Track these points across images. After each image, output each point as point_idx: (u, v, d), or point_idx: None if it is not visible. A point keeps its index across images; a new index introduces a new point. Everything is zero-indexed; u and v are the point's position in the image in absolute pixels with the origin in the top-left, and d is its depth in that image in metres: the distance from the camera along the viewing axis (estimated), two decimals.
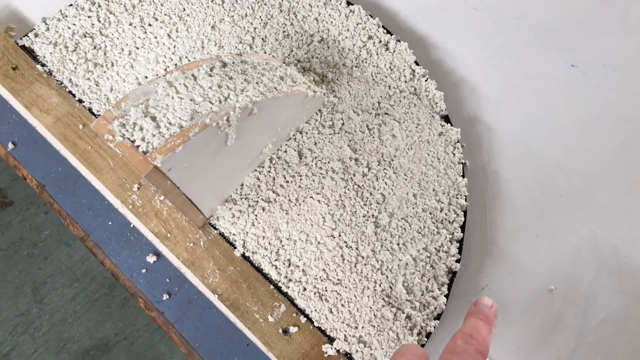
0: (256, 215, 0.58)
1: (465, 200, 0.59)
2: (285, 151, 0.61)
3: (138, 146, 0.44)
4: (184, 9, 0.68)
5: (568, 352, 0.56)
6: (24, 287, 1.55)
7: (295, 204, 0.59)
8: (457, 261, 0.57)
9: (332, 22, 0.67)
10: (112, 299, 1.53)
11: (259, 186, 0.59)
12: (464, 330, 0.39)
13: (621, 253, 0.59)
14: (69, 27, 0.67)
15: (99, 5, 0.68)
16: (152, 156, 0.43)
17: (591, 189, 0.62)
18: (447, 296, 0.56)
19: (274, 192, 0.59)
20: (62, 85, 0.64)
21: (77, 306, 1.52)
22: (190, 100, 0.47)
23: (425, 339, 0.54)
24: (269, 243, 0.57)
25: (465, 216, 0.59)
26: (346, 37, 0.67)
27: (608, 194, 0.62)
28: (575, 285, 0.58)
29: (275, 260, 0.57)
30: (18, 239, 1.60)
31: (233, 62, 0.53)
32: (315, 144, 0.61)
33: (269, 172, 0.60)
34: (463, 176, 0.61)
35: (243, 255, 0.58)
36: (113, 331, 1.49)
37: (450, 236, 0.58)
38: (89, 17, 0.67)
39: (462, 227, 0.58)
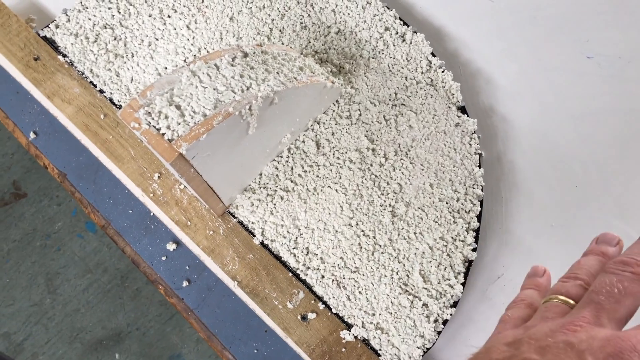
0: (275, 204, 0.59)
1: (482, 190, 0.60)
2: (303, 141, 0.61)
3: (163, 134, 0.45)
4: (203, 1, 0.69)
5: None
6: (37, 277, 1.57)
7: (313, 193, 0.59)
8: (474, 250, 0.58)
9: (349, 14, 0.68)
10: (124, 290, 1.54)
11: (277, 175, 0.60)
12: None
13: None
14: (89, 19, 0.67)
15: None
16: (177, 144, 0.44)
17: (607, 180, 0.62)
18: (463, 284, 0.56)
19: (292, 181, 0.60)
20: (83, 75, 0.65)
21: (89, 297, 1.54)
22: (214, 89, 0.48)
23: (442, 327, 0.55)
24: (288, 231, 0.58)
25: (481, 206, 0.60)
26: (363, 29, 0.67)
27: (624, 184, 0.62)
28: None
29: (294, 248, 0.58)
30: (31, 230, 1.62)
31: (254, 53, 0.53)
32: (333, 134, 0.62)
33: (287, 161, 0.61)
34: (479, 166, 0.61)
35: (262, 243, 0.58)
36: (125, 322, 1.51)
37: (467, 225, 0.58)
38: (109, 8, 0.68)
39: (479, 217, 0.59)
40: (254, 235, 0.59)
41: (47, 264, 1.59)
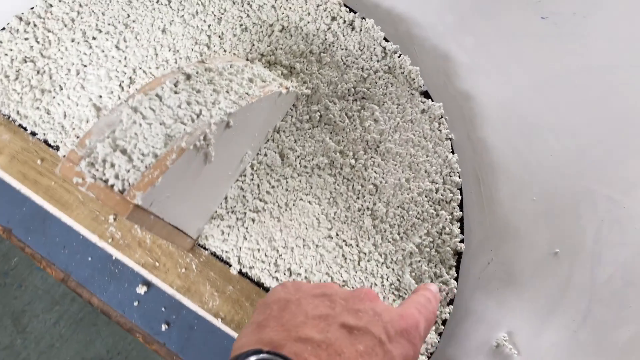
0: (247, 228, 0.55)
1: (459, 177, 0.57)
2: (266, 154, 0.57)
3: (113, 185, 0.40)
4: (129, 15, 0.63)
5: (582, 313, 0.55)
6: (2, 319, 1.48)
7: (286, 209, 0.55)
8: (461, 241, 0.55)
9: (290, 8, 0.63)
10: (97, 316, 1.48)
11: (244, 197, 0.56)
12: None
13: (619, 204, 0.58)
14: (5, 54, 0.60)
15: (35, 25, 0.62)
16: (130, 194, 0.39)
17: (580, 144, 0.61)
18: (456, 279, 0.54)
19: (261, 200, 0.56)
20: (10, 119, 0.59)
21: (62, 329, 1.47)
22: (160, 124, 0.43)
23: (442, 327, 0.52)
24: (266, 255, 0.54)
25: (461, 193, 0.57)
26: (308, 22, 0.63)
27: (597, 147, 0.60)
28: (579, 244, 0.57)
29: (275, 271, 0.54)
30: None
31: (197, 73, 0.48)
32: (296, 141, 0.58)
33: (252, 179, 0.56)
34: (453, 152, 0.58)
35: (240, 272, 0.54)
36: (104, 348, 1.45)
37: (450, 216, 0.56)
38: (26, 39, 0.61)
39: (460, 205, 0.57)
40: (230, 265, 0.54)
41: (10, 303, 1.50)
